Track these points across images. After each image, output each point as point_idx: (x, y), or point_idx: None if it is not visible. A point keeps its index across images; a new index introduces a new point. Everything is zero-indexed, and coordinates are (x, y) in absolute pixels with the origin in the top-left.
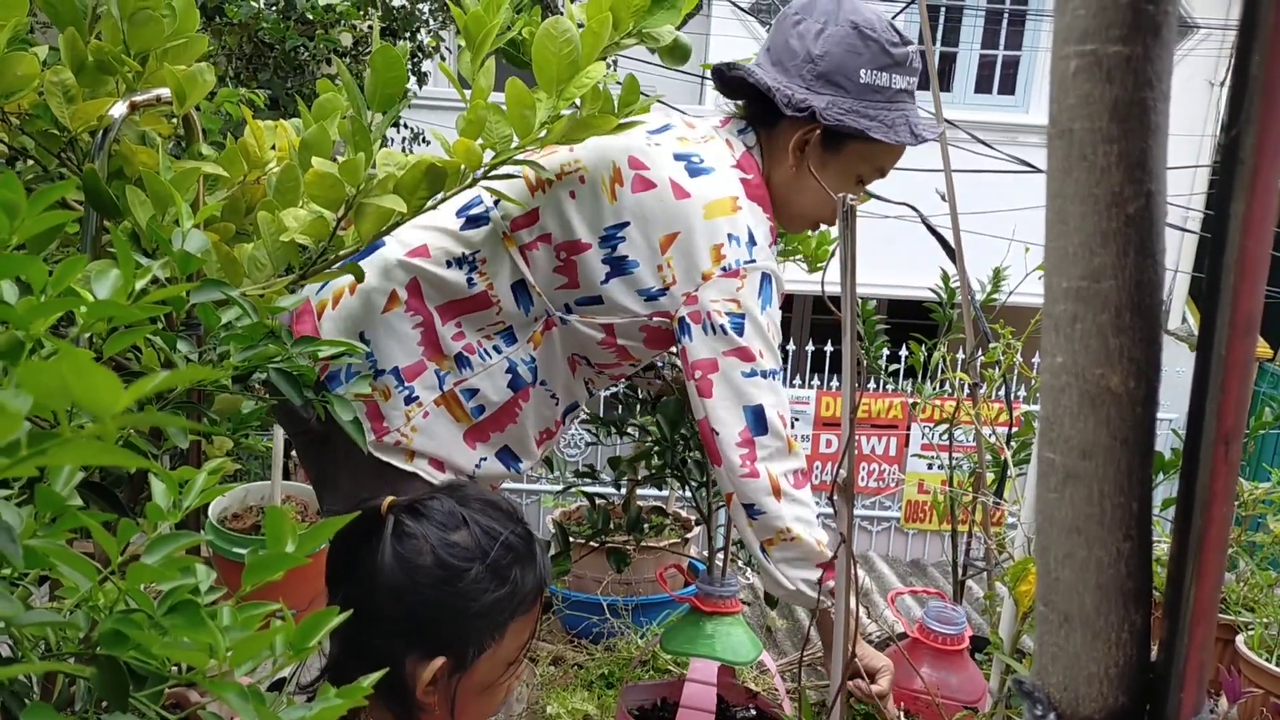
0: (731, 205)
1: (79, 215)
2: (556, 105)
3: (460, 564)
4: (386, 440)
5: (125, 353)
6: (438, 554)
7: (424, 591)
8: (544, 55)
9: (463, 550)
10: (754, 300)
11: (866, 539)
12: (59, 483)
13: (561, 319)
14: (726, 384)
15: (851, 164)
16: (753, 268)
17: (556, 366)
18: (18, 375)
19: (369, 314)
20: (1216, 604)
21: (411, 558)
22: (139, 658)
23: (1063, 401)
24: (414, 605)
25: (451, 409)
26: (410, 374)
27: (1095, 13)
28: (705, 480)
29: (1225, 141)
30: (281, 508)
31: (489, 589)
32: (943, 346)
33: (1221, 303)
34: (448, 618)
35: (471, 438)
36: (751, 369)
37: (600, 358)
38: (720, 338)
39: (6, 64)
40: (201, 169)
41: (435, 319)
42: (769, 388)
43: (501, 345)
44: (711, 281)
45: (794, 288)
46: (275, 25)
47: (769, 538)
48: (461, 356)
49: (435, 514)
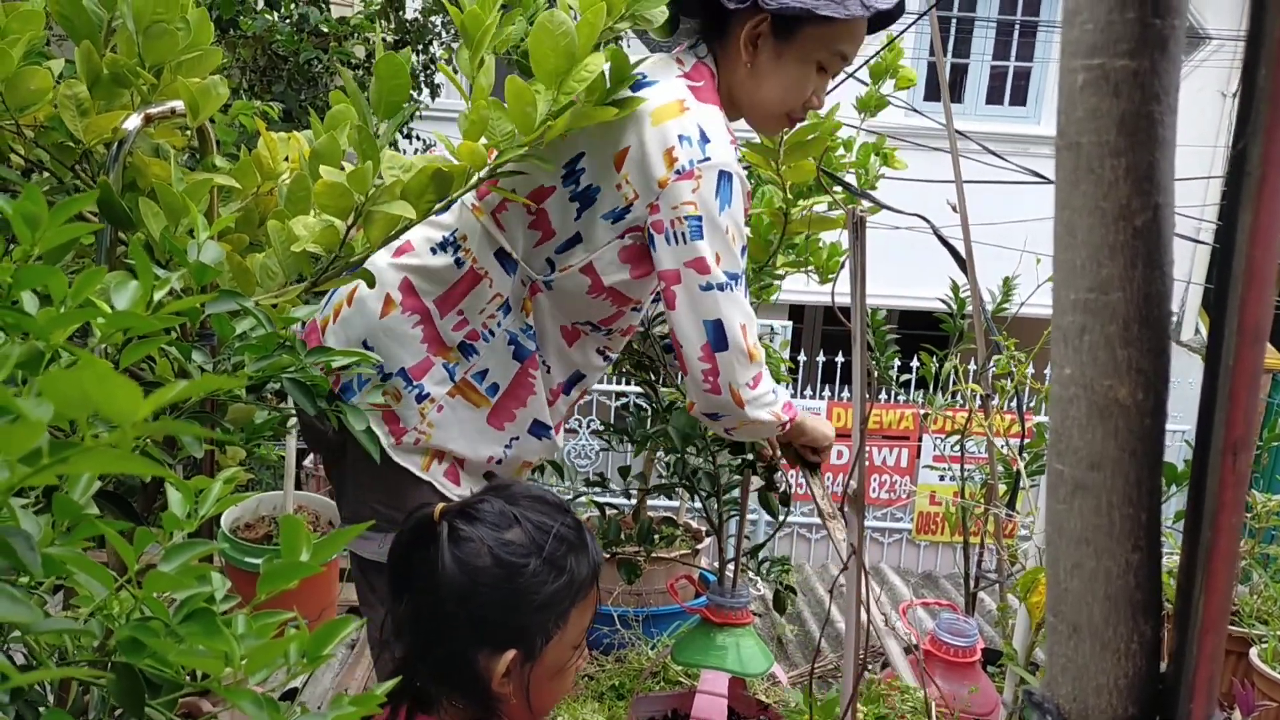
0: (678, 107)
1: (98, 228)
2: (557, 99)
3: (518, 561)
4: (406, 441)
5: (139, 363)
6: (495, 554)
7: (486, 592)
8: (540, 49)
9: (518, 547)
10: (712, 200)
11: (878, 550)
12: (77, 491)
13: (545, 283)
14: (688, 296)
15: (808, 51)
16: (707, 165)
17: (548, 335)
18: (40, 384)
19: (368, 322)
20: (1226, 614)
21: (470, 560)
22: (154, 666)
23: (1071, 413)
24: (479, 605)
25: (468, 396)
26: (418, 373)
27: (1103, 27)
28: (716, 491)
29: (1233, 153)
30: (296, 517)
31: (548, 580)
32: (954, 357)
33: (1230, 312)
34: (512, 613)
35: (497, 419)
36: (708, 281)
37: (598, 312)
38: (682, 246)
39: (21, 78)
40: (214, 180)
41: (434, 313)
42: (727, 299)
43: (501, 319)
44: (668, 188)
45: (805, 298)
46: (289, 38)
47: (731, 427)
48: (465, 345)
49: (487, 515)
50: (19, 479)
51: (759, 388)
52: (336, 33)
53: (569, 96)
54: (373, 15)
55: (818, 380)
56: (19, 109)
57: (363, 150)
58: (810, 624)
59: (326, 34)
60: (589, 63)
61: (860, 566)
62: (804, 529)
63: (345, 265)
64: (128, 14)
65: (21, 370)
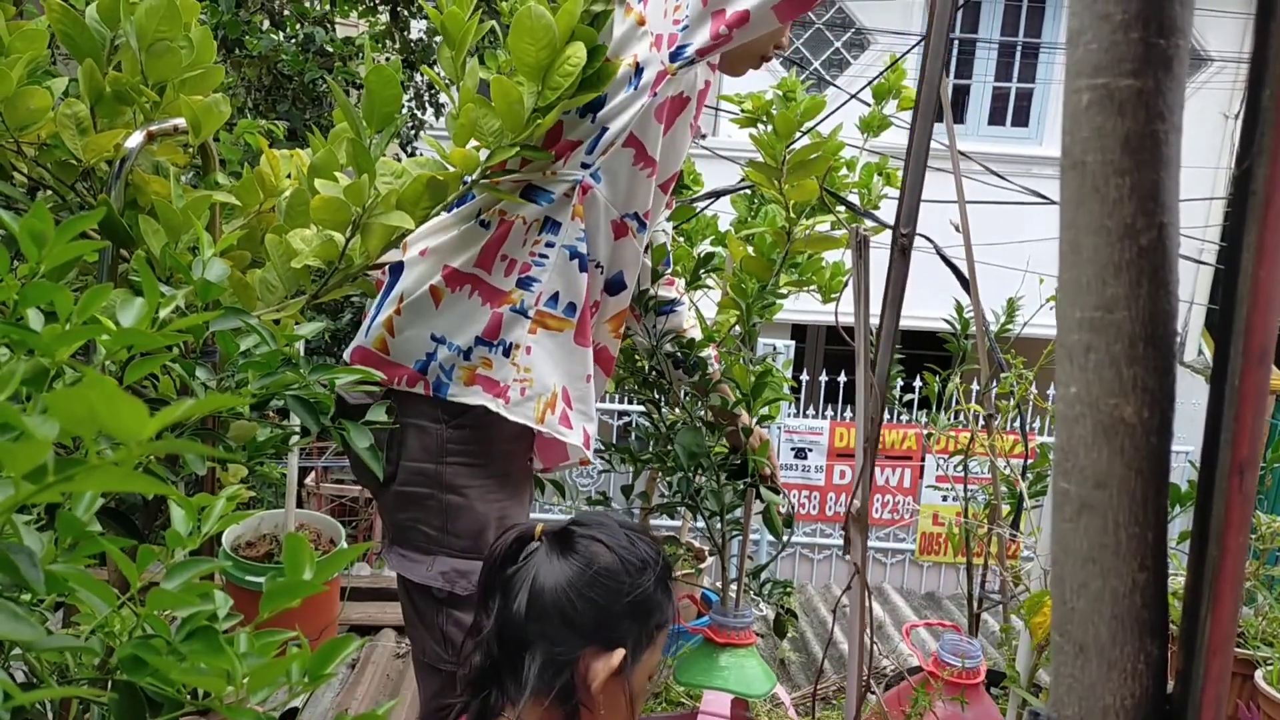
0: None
1: (102, 245)
2: (544, 93)
3: (639, 563)
4: (512, 396)
5: (141, 380)
6: (618, 554)
7: (608, 583)
8: (520, 44)
9: (640, 554)
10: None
11: (881, 571)
12: (80, 508)
13: (593, 175)
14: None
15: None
16: None
17: (600, 232)
18: (47, 402)
19: (427, 318)
20: (1233, 635)
21: (592, 558)
22: (156, 684)
23: (1077, 431)
24: (599, 598)
25: (548, 325)
26: (491, 332)
27: (1107, 47)
28: (720, 510)
29: (1238, 174)
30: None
31: (657, 591)
32: (957, 377)
33: (1235, 332)
34: (625, 611)
35: (582, 336)
36: None
37: (643, 197)
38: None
39: (21, 98)
40: (213, 197)
41: (480, 274)
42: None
43: (551, 239)
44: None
45: (808, 318)
46: (294, 58)
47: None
48: (522, 280)
49: (603, 529)
50: (24, 496)
51: None
52: (341, 53)
53: (555, 91)
54: (378, 35)
55: (820, 400)
56: (19, 128)
57: (357, 163)
58: (813, 645)
59: (331, 54)
60: (570, 55)
61: (864, 587)
62: (806, 549)
63: (344, 277)
64: (131, 32)
65: (26, 387)
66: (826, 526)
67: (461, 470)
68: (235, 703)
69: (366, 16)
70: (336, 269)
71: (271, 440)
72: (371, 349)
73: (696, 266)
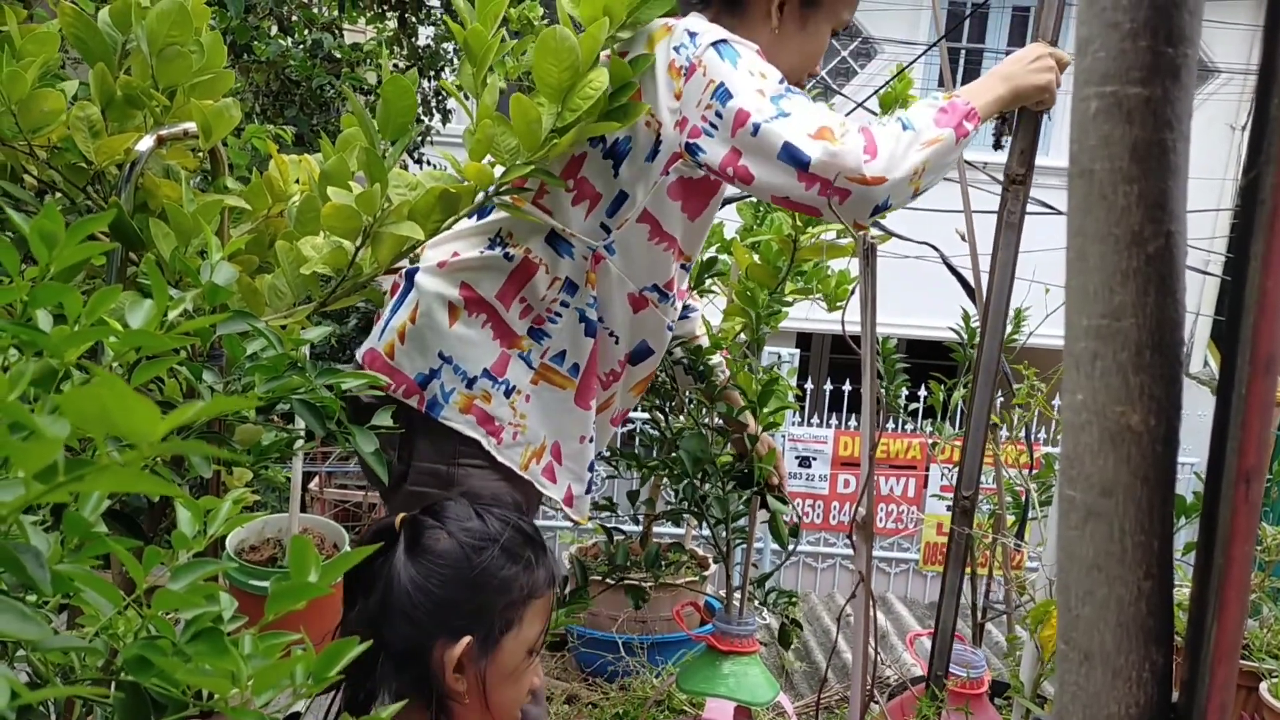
0: (664, 30)
1: (111, 247)
2: (562, 115)
3: (477, 543)
4: (505, 439)
5: (147, 383)
6: (455, 538)
7: (444, 572)
8: (544, 65)
9: (479, 532)
10: (721, 64)
11: (885, 580)
12: (87, 509)
13: (606, 247)
14: (752, 153)
15: (829, 16)
16: (702, 49)
17: (616, 304)
18: (60, 402)
19: (439, 334)
20: (1239, 644)
21: (430, 545)
22: (160, 685)
23: (1083, 439)
24: (436, 588)
25: (551, 380)
26: (499, 370)
27: (1115, 55)
28: (725, 518)
29: (1245, 183)
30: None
31: (505, 565)
32: (963, 387)
33: (1242, 341)
34: (469, 595)
35: (583, 398)
36: (754, 125)
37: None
38: (721, 125)
39: (34, 100)
40: (224, 202)
41: (498, 308)
42: (782, 125)
43: (566, 299)
44: (684, 95)
45: (813, 326)
46: (302, 64)
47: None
48: (534, 330)
49: (450, 510)
50: (34, 495)
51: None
52: (349, 58)
53: (575, 113)
54: (385, 41)
55: (825, 408)
56: (32, 130)
57: (370, 172)
58: (816, 653)
59: (339, 60)
60: (593, 79)
61: (868, 596)
62: (810, 558)
63: (353, 286)
64: (142, 36)
65: (34, 388)
66: (830, 535)
67: (474, 473)
68: (240, 704)
69: (375, 23)
70: (346, 277)
71: (276, 444)
72: (381, 353)
73: (700, 272)
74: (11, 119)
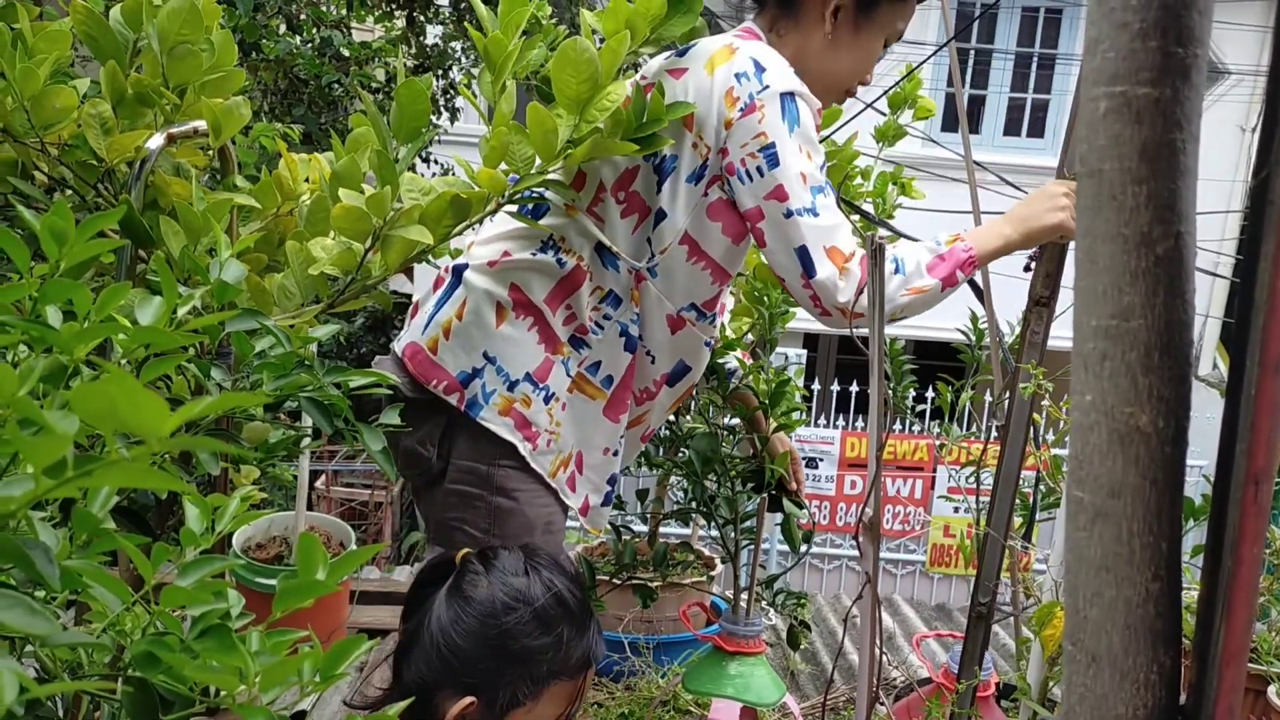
0: (728, 51)
1: (121, 244)
2: (579, 127)
3: (509, 601)
4: (540, 444)
5: (155, 380)
6: (491, 590)
7: (468, 622)
8: (563, 76)
9: (516, 592)
10: (780, 124)
11: (891, 582)
12: (96, 505)
13: (649, 269)
14: (774, 230)
15: (884, 24)
16: (768, 94)
17: (655, 324)
18: (69, 398)
19: (485, 333)
20: (1247, 646)
21: (466, 590)
22: (168, 681)
23: (1092, 440)
24: (457, 637)
25: (584, 389)
26: (541, 374)
27: (1125, 55)
28: (733, 518)
29: (1255, 184)
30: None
31: (532, 633)
32: (970, 389)
33: (1251, 342)
34: (484, 654)
35: (612, 410)
36: (788, 209)
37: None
38: (758, 181)
39: (47, 96)
40: (234, 200)
41: (545, 312)
42: (809, 224)
43: (610, 312)
44: (734, 127)
45: (821, 327)
46: (311, 62)
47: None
48: (575, 339)
49: (503, 559)
50: (43, 490)
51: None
52: (357, 56)
53: (591, 124)
54: (394, 40)
55: (832, 409)
56: (44, 127)
57: (381, 174)
58: (822, 655)
59: (347, 58)
60: (611, 91)
61: (874, 598)
62: (816, 559)
63: (361, 288)
64: (153, 35)
65: (44, 384)
66: (837, 537)
67: (513, 474)
68: (247, 701)
69: (383, 21)
70: (354, 279)
71: (284, 442)
72: (424, 347)
73: None
74: (24, 115)
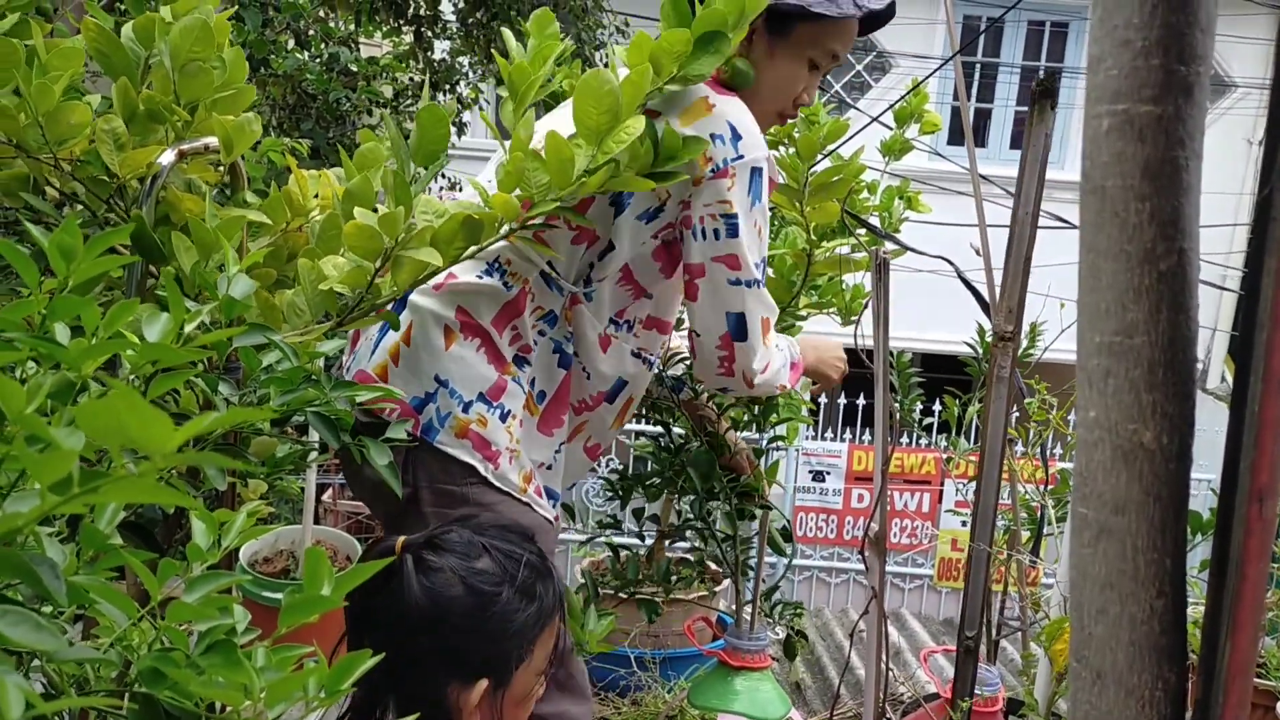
0: (704, 106)
1: (130, 260)
2: (596, 157)
3: (491, 590)
4: (503, 464)
5: (163, 395)
6: (467, 583)
7: (459, 621)
8: (584, 106)
9: (490, 576)
10: (745, 198)
11: (899, 596)
12: (103, 521)
13: (585, 295)
14: (712, 289)
15: (801, 48)
16: (741, 164)
17: (586, 343)
18: (76, 414)
19: (434, 356)
20: (1253, 663)
21: (442, 590)
22: (174, 697)
23: (1096, 456)
24: (451, 636)
25: (530, 408)
26: (495, 394)
27: (1128, 73)
28: (734, 536)
29: (1260, 198)
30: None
31: (520, 609)
32: (977, 402)
33: (1255, 358)
34: (486, 643)
35: (545, 425)
36: (738, 278)
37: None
38: (713, 243)
39: (61, 112)
40: (246, 216)
41: (492, 334)
42: (753, 294)
43: (546, 329)
44: (703, 185)
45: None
46: (319, 77)
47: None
48: (519, 358)
49: (455, 545)
50: (50, 506)
51: (768, 371)
52: (365, 72)
53: (608, 155)
54: (402, 55)
55: (838, 422)
56: (58, 143)
57: (396, 194)
58: (829, 669)
59: (355, 73)
60: (630, 125)
61: (881, 612)
62: (823, 573)
63: (371, 306)
64: (165, 52)
65: (51, 400)
66: (844, 550)
67: (486, 490)
68: (253, 717)
69: (391, 37)
70: (363, 298)
71: (291, 456)
72: (372, 374)
73: None
74: (38, 131)
